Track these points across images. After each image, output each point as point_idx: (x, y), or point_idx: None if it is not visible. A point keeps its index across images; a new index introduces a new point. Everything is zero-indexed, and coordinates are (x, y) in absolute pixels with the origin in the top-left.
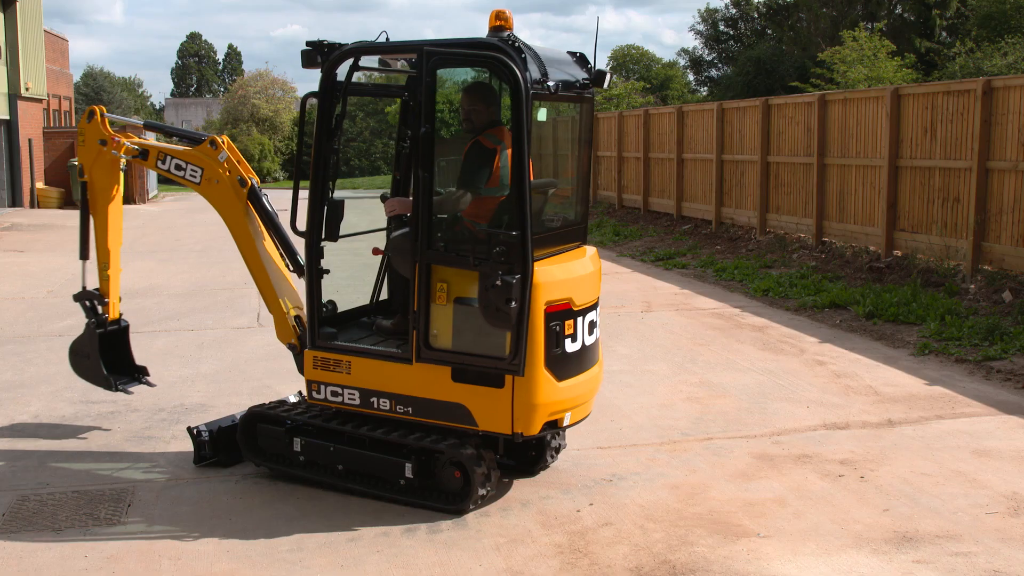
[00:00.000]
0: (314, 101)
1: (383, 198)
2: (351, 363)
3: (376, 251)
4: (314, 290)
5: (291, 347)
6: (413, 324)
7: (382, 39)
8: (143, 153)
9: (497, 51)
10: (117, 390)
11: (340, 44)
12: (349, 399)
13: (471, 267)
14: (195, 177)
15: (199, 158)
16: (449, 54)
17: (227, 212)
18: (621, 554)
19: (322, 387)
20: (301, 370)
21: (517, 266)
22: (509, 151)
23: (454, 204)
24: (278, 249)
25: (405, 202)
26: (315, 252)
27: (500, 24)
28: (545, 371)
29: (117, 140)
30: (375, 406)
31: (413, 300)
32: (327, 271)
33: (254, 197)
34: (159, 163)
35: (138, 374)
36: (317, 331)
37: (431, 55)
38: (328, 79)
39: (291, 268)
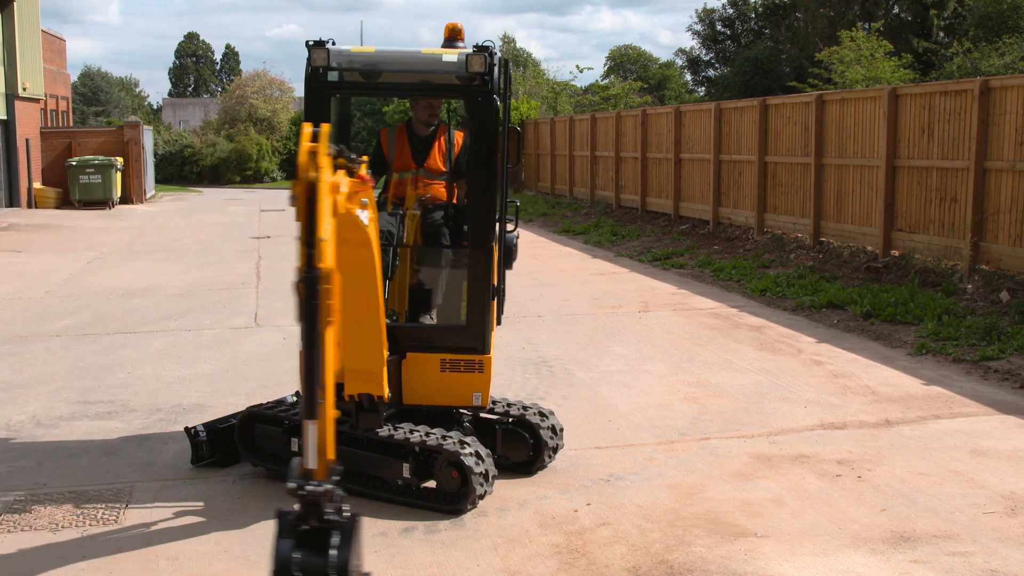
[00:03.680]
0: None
1: None
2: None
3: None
4: (487, 298)
5: (378, 400)
6: (495, 296)
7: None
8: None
9: None
10: None
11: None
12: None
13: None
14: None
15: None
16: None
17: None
18: (619, 554)
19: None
20: (375, 423)
21: None
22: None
23: None
24: None
25: None
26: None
27: (454, 37)
28: None
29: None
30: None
31: (493, 277)
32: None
33: None
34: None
35: None
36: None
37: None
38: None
39: None
